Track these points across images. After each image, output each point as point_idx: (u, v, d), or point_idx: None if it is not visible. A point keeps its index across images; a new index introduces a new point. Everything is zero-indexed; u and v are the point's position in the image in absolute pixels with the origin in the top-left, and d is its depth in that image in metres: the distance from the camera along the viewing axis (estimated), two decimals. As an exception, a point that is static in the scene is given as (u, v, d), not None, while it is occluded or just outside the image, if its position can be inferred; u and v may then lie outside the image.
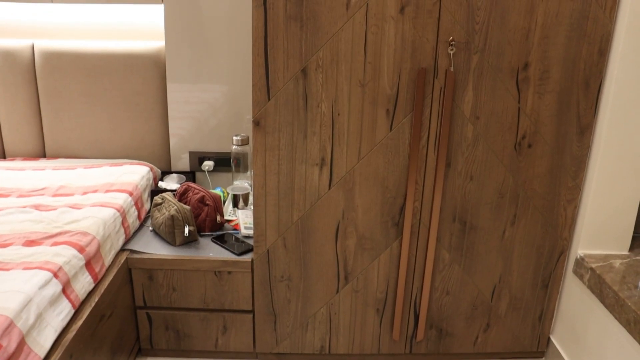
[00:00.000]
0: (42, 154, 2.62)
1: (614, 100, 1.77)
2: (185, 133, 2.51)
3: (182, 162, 2.56)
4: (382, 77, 1.74)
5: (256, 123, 1.80)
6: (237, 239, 2.08)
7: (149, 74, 2.45)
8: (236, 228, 2.17)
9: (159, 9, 2.40)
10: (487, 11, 1.69)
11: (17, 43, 2.47)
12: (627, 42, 1.71)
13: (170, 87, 2.43)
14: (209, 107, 2.50)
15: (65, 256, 1.66)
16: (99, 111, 2.51)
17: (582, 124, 1.83)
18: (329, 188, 1.87)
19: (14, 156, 2.61)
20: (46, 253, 1.66)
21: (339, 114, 1.78)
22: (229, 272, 1.99)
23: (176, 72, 2.41)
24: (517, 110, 1.80)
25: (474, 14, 1.69)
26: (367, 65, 1.73)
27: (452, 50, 1.72)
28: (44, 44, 2.45)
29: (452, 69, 1.73)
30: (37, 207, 2.00)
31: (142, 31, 2.53)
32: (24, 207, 1.99)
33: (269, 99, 1.77)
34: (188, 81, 2.44)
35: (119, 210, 2.02)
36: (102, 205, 2.02)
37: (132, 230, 2.12)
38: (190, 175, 2.50)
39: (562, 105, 1.80)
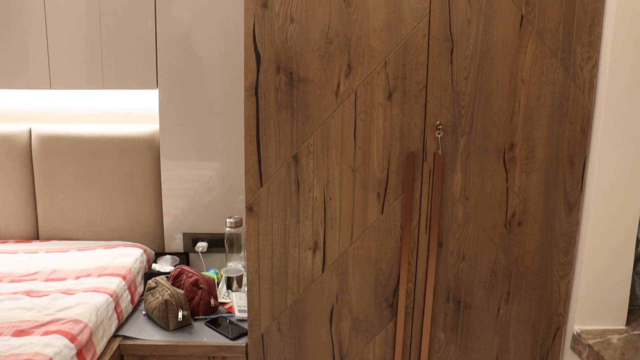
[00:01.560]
0: (36, 236, 2.62)
1: (599, 176, 1.81)
2: (179, 212, 2.53)
3: (176, 242, 2.56)
4: (372, 161, 1.78)
5: (249, 208, 1.82)
6: (231, 322, 2.06)
7: (143, 157, 2.49)
8: (230, 311, 2.15)
9: (154, 93, 2.47)
10: (471, 96, 1.75)
11: (15, 128, 2.52)
12: (607, 121, 1.76)
13: (164, 164, 2.47)
14: (203, 185, 2.53)
15: (56, 346, 1.64)
16: (93, 193, 2.54)
17: (569, 200, 1.86)
18: (322, 271, 1.88)
19: (7, 238, 2.61)
20: (36, 344, 1.64)
21: (330, 199, 1.81)
22: (223, 358, 1.96)
23: (170, 149, 2.45)
24: (506, 190, 1.83)
25: (459, 99, 1.75)
26: (357, 150, 1.77)
27: (439, 134, 1.77)
28: (41, 128, 2.50)
29: (440, 151, 1.78)
30: (28, 293, 1.98)
31: (137, 115, 2.59)
32: (15, 293, 1.98)
33: (261, 185, 1.80)
34: (182, 158, 2.48)
35: (111, 296, 2.01)
36: (94, 291, 2.00)
37: (125, 315, 2.10)
38: (184, 257, 2.50)
39: (549, 183, 1.84)
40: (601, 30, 1.74)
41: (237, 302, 2.12)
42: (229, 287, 2.24)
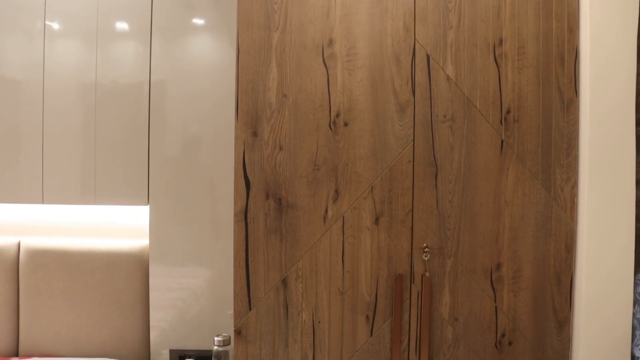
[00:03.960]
0: (15, 352, 2.55)
1: (587, 293, 1.82)
2: (167, 325, 2.49)
3: (162, 359, 2.50)
4: (360, 284, 1.79)
5: (237, 332, 1.80)
6: None
7: (132, 272, 2.48)
8: None
9: (144, 209, 2.50)
10: (457, 218, 1.79)
11: (4, 241, 2.51)
12: (590, 238, 1.80)
13: (152, 270, 2.45)
14: (192, 294, 2.50)
15: None
16: (78, 309, 2.49)
17: (559, 318, 1.86)
18: (312, 397, 1.83)
19: (-15, 354, 2.53)
20: None
21: (319, 322, 1.80)
22: None
23: (159, 256, 2.44)
24: (495, 310, 1.83)
25: (444, 221, 1.79)
26: (345, 273, 1.78)
27: (426, 256, 1.79)
28: (30, 242, 2.50)
29: (427, 274, 1.79)
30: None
31: (127, 230, 2.60)
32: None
33: (250, 309, 1.79)
34: (171, 264, 2.47)
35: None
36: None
37: None
38: (170, 373, 2.44)
39: (538, 301, 1.85)
40: (577, 152, 1.82)
41: None
42: (216, 408, 2.17)
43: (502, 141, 1.79)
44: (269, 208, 1.76)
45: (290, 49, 1.75)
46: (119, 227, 2.62)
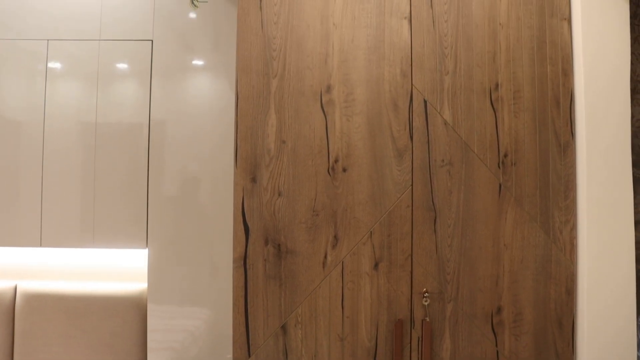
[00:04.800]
0: (11, 398, 2.51)
1: (589, 337, 1.80)
2: (164, 369, 2.46)
3: (159, 404, 2.46)
4: (360, 330, 1.77)
5: (236, 380, 1.77)
6: None
7: (129, 316, 2.46)
8: None
9: (143, 252, 2.49)
10: (456, 262, 1.78)
11: (1, 285, 2.49)
12: (591, 280, 1.79)
13: (151, 309, 2.42)
14: (189, 335, 2.48)
15: None
16: (74, 354, 2.47)
17: (561, 362, 1.84)
18: None
19: (-22, 400, 2.49)
20: None
21: (319, 369, 1.78)
22: None
23: (158, 296, 2.43)
24: (496, 354, 1.82)
25: (444, 265, 1.78)
26: (345, 319, 1.77)
27: (426, 301, 1.78)
28: (27, 285, 2.48)
29: (427, 318, 1.78)
30: None
31: (125, 273, 2.59)
32: None
33: (249, 356, 1.77)
34: (169, 303, 2.45)
35: None
36: None
37: None
38: (167, 419, 2.39)
39: (540, 346, 1.83)
40: (575, 194, 1.82)
41: None
42: None
43: (500, 185, 1.80)
44: (268, 254, 1.76)
45: (288, 95, 1.77)
46: (116, 270, 2.61)
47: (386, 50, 1.78)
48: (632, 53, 1.90)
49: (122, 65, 2.53)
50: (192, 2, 2.11)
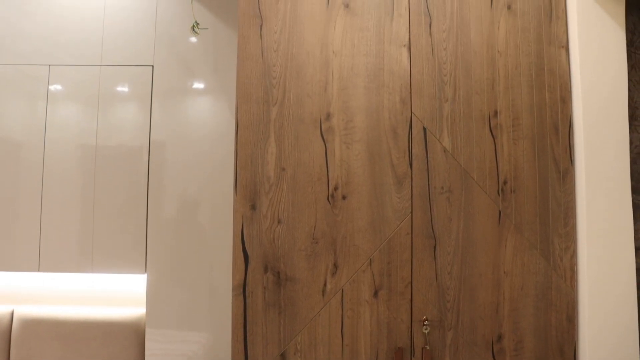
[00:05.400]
0: None
1: (591, 365, 1.79)
2: (162, 395, 2.43)
3: None
4: (360, 358, 1.76)
5: (235, 410, 1.75)
6: None
7: (127, 342, 2.44)
8: None
9: (142, 277, 2.48)
10: (456, 289, 1.78)
11: (-3, 309, 2.48)
12: (592, 307, 1.79)
13: (149, 333, 2.40)
14: (187, 360, 2.46)
15: None
16: (72, 380, 2.45)
17: (563, 390, 1.82)
18: None
19: None
20: None
21: (319, 399, 1.76)
22: None
23: (156, 321, 2.41)
24: (497, 383, 1.80)
25: (444, 293, 1.77)
26: (345, 347, 1.75)
27: (426, 329, 1.76)
28: (24, 310, 2.46)
29: (428, 347, 1.76)
30: None
31: (123, 298, 2.58)
32: None
33: (248, 385, 1.75)
34: (167, 327, 2.43)
35: None
36: None
37: None
38: None
39: (541, 374, 1.81)
40: (575, 221, 1.82)
41: None
42: None
43: (499, 212, 1.80)
44: (267, 281, 1.75)
45: (288, 122, 1.77)
46: (114, 295, 2.60)
47: (385, 78, 1.79)
48: (630, 80, 1.91)
49: (122, 89, 2.54)
50: (193, 29, 2.13)
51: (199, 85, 2.52)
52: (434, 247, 1.77)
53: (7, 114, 2.52)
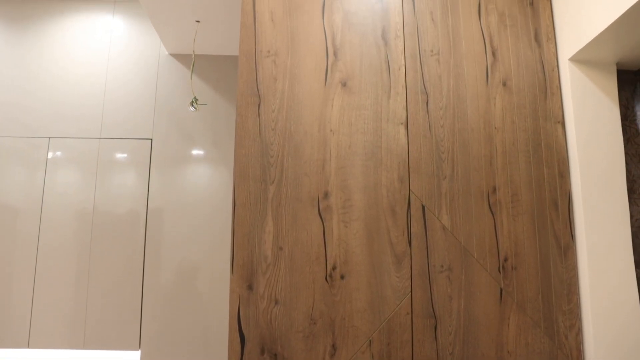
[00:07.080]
0: None
1: None
2: None
3: None
4: None
5: None
6: None
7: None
8: None
9: (136, 354, 2.42)
10: (458, 371, 1.72)
11: (-14, 385, 2.41)
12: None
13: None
14: None
15: None
16: None
17: None
18: None
19: None
20: None
21: None
22: None
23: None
24: None
25: (446, 375, 1.72)
26: None
27: (429, 414, 1.70)
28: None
29: None
30: None
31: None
32: None
33: None
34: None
35: None
36: None
37: None
38: None
39: None
40: (579, 298, 1.79)
41: None
42: None
43: (501, 289, 1.77)
44: (264, 365, 1.70)
45: (286, 201, 1.76)
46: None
47: (383, 156, 1.80)
48: (626, 153, 1.92)
49: (121, 157, 2.55)
50: (192, 104, 2.16)
51: (198, 152, 2.53)
52: (435, 327, 1.73)
53: (7, 180, 2.52)
